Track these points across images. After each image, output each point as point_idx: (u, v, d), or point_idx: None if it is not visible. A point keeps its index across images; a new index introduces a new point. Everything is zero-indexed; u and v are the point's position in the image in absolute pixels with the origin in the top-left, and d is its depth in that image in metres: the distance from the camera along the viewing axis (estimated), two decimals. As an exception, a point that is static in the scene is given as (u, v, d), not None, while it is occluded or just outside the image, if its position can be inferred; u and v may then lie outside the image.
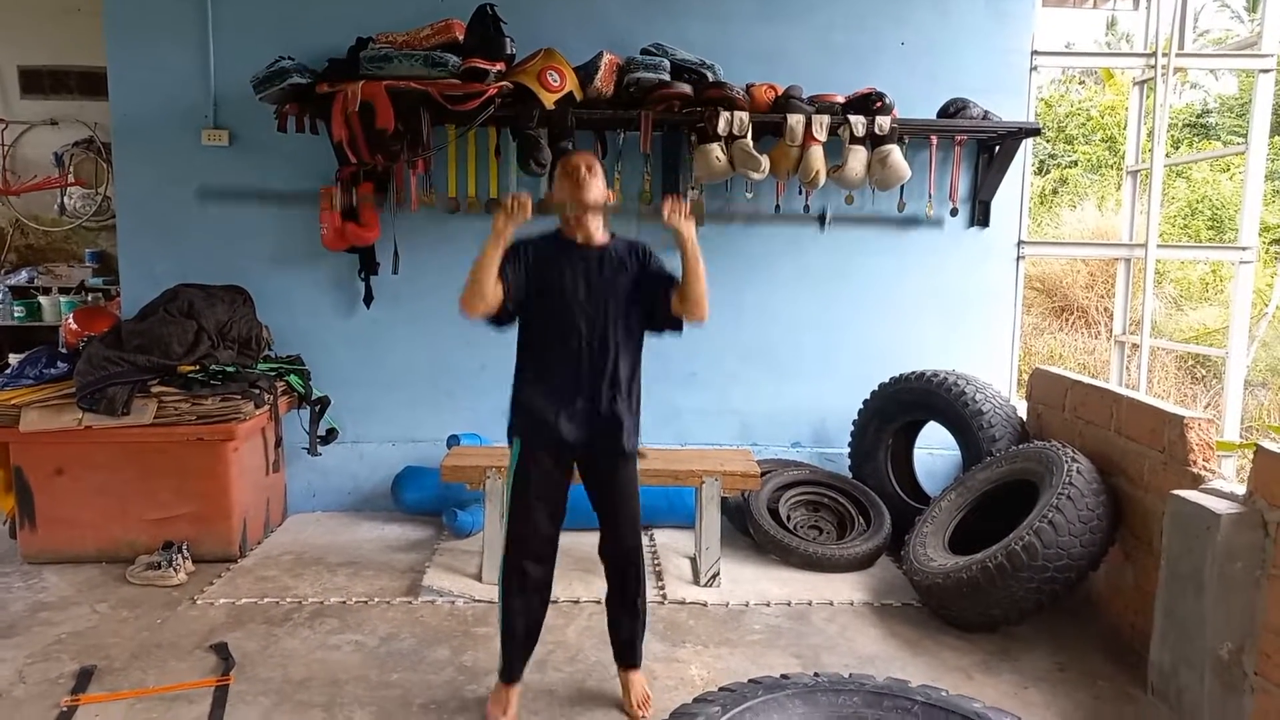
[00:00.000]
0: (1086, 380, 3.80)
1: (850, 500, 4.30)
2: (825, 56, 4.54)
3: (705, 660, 3.12)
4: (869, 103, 4.22)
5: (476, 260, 2.53)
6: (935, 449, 4.61)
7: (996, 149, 4.55)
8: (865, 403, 4.48)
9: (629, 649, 2.82)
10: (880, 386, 4.43)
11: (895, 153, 4.26)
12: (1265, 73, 4.69)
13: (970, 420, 4.01)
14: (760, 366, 4.75)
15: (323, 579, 3.81)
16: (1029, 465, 3.49)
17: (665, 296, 2.65)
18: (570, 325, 2.62)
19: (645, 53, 4.23)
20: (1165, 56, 4.74)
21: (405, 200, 4.40)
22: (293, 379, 4.38)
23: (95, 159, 6.05)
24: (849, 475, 4.50)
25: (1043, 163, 12.25)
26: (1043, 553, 3.03)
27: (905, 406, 4.33)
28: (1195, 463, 2.91)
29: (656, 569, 3.92)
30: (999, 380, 4.58)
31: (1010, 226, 4.72)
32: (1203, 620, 2.37)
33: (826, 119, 4.16)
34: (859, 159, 4.26)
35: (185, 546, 3.85)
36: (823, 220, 4.61)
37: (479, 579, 3.72)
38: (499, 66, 4.06)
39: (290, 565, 3.97)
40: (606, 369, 2.64)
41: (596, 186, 2.64)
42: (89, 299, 5.91)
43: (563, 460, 2.71)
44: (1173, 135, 11.54)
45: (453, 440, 4.37)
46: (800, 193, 4.52)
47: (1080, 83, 13.98)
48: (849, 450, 4.55)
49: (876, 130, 4.20)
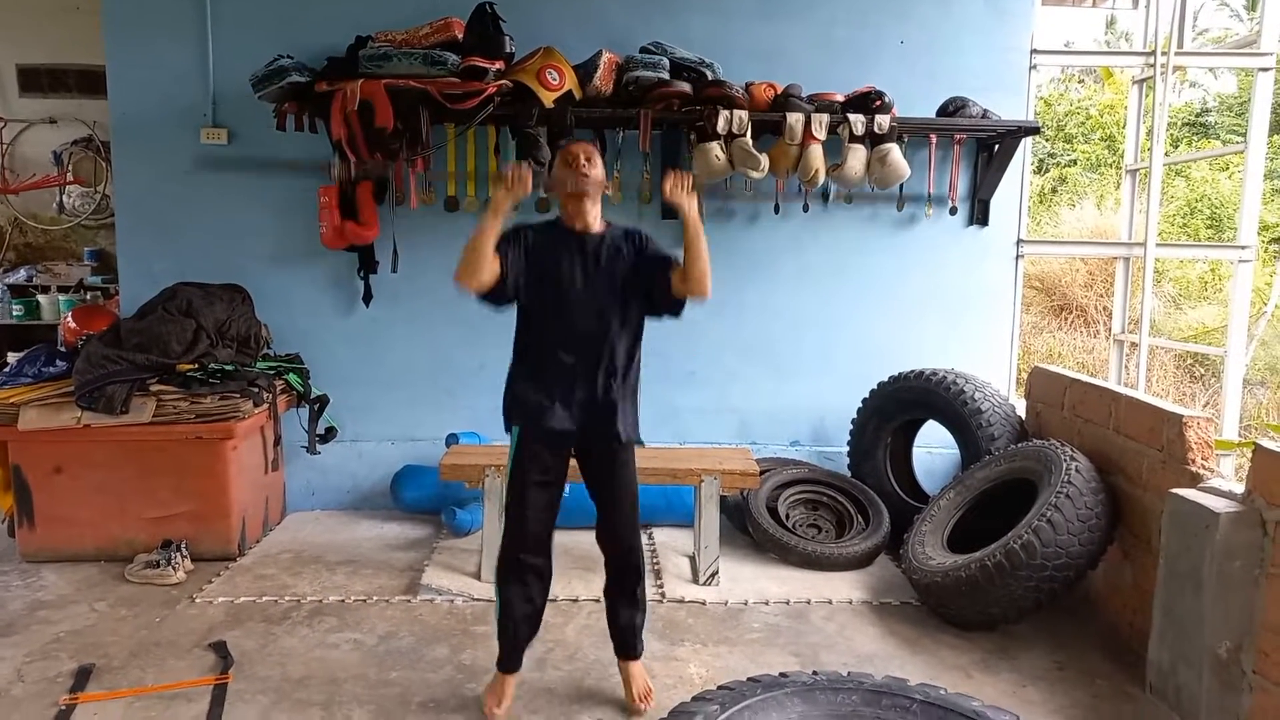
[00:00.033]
0: (1085, 379, 3.80)
1: (849, 499, 4.30)
2: (825, 55, 4.54)
3: (704, 659, 3.12)
4: (868, 101, 4.23)
5: (474, 232, 2.51)
6: (934, 448, 4.61)
7: (996, 148, 4.55)
8: (864, 401, 4.48)
9: (629, 639, 2.82)
10: (879, 385, 4.43)
11: (894, 151, 4.27)
12: (1264, 71, 4.69)
13: (969, 419, 4.01)
14: (759, 365, 4.75)
15: (321, 577, 3.81)
16: (1028, 464, 3.49)
17: (664, 277, 2.63)
18: (567, 313, 2.62)
19: (644, 51, 4.22)
20: (1164, 55, 4.74)
21: (405, 199, 4.41)
22: (291, 377, 4.39)
23: (94, 157, 6.05)
24: (848, 474, 4.49)
25: (1042, 161, 12.25)
26: (1041, 551, 3.04)
27: (904, 405, 4.33)
28: (1194, 461, 2.91)
29: (655, 567, 3.92)
30: (998, 379, 4.58)
31: (1009, 225, 4.72)
32: (1201, 619, 2.37)
33: (826, 117, 4.17)
34: (858, 158, 4.27)
35: (184, 545, 3.85)
36: (826, 197, 4.60)
37: (478, 578, 3.72)
38: (498, 65, 4.06)
39: (289, 564, 3.97)
40: (603, 357, 2.63)
41: (595, 175, 2.64)
42: (88, 297, 5.90)
43: (560, 451, 2.70)
44: (1172, 134, 11.54)
45: (451, 439, 4.37)
46: (799, 191, 4.53)
47: (1079, 81, 13.98)
48: (848, 449, 4.55)
49: (876, 129, 4.21)
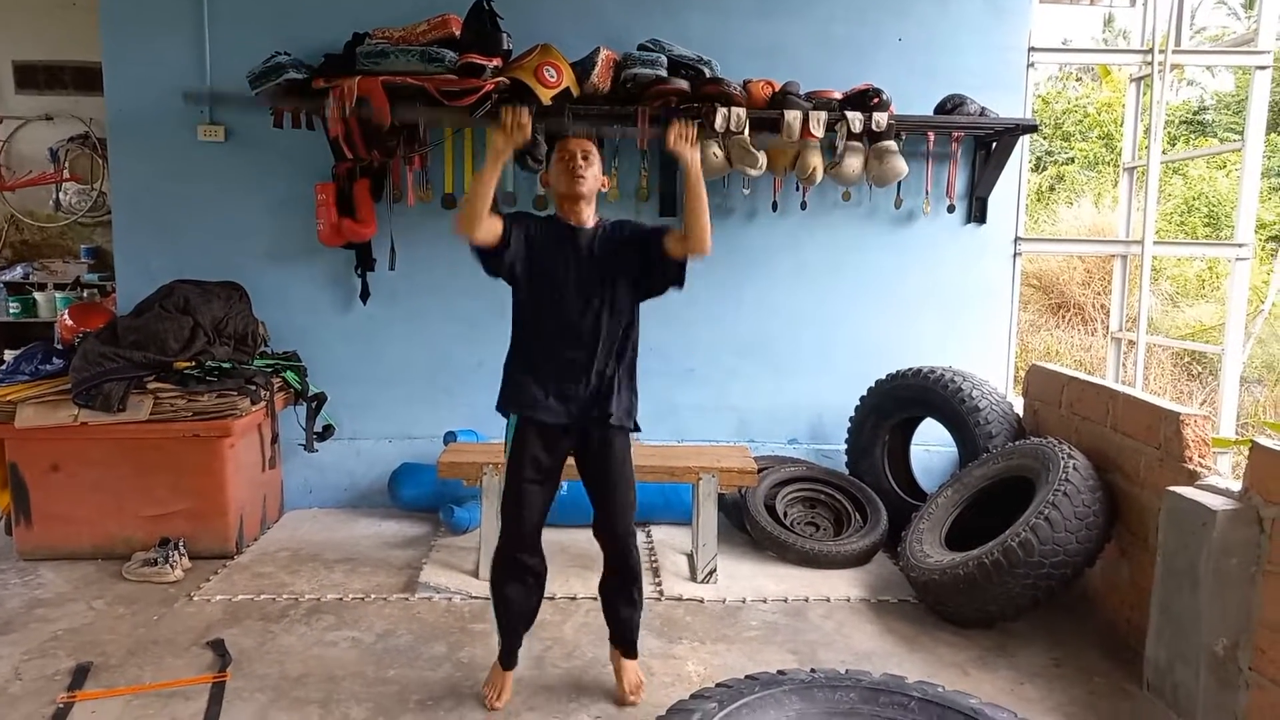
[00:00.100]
0: (1083, 377, 3.80)
1: (847, 497, 4.31)
2: (823, 52, 4.54)
3: (702, 656, 3.12)
4: (866, 99, 4.22)
5: (474, 180, 2.47)
6: (932, 445, 4.61)
7: (993, 145, 4.55)
8: (862, 399, 4.48)
9: (625, 634, 2.82)
10: (877, 383, 4.43)
11: (892, 149, 4.27)
12: (1261, 69, 4.69)
13: (967, 417, 4.02)
14: (758, 362, 4.75)
15: (319, 575, 3.81)
16: (1025, 462, 3.49)
17: (659, 245, 2.61)
18: (561, 308, 2.61)
19: (642, 48, 4.21)
20: (1162, 53, 4.75)
21: (402, 196, 4.41)
22: (289, 375, 4.38)
23: (91, 154, 6.04)
24: (846, 472, 4.50)
25: (1039, 159, 12.26)
26: (1039, 549, 3.04)
27: (902, 403, 4.34)
28: (1191, 459, 2.91)
29: (653, 565, 3.92)
30: (995, 377, 4.59)
31: (1007, 223, 4.72)
32: (1198, 616, 2.38)
33: (824, 115, 4.16)
34: (856, 155, 4.27)
35: (181, 543, 3.85)
36: (804, 207, 4.59)
37: (476, 575, 3.71)
38: (495, 62, 4.05)
39: (287, 562, 3.97)
40: (597, 349, 2.63)
41: (591, 175, 2.62)
42: (84, 295, 5.90)
43: (556, 447, 2.70)
44: (1169, 132, 11.55)
45: (450, 437, 4.37)
46: (797, 189, 4.52)
47: (1077, 79, 14.00)
48: (846, 447, 4.55)
49: (874, 127, 4.20)
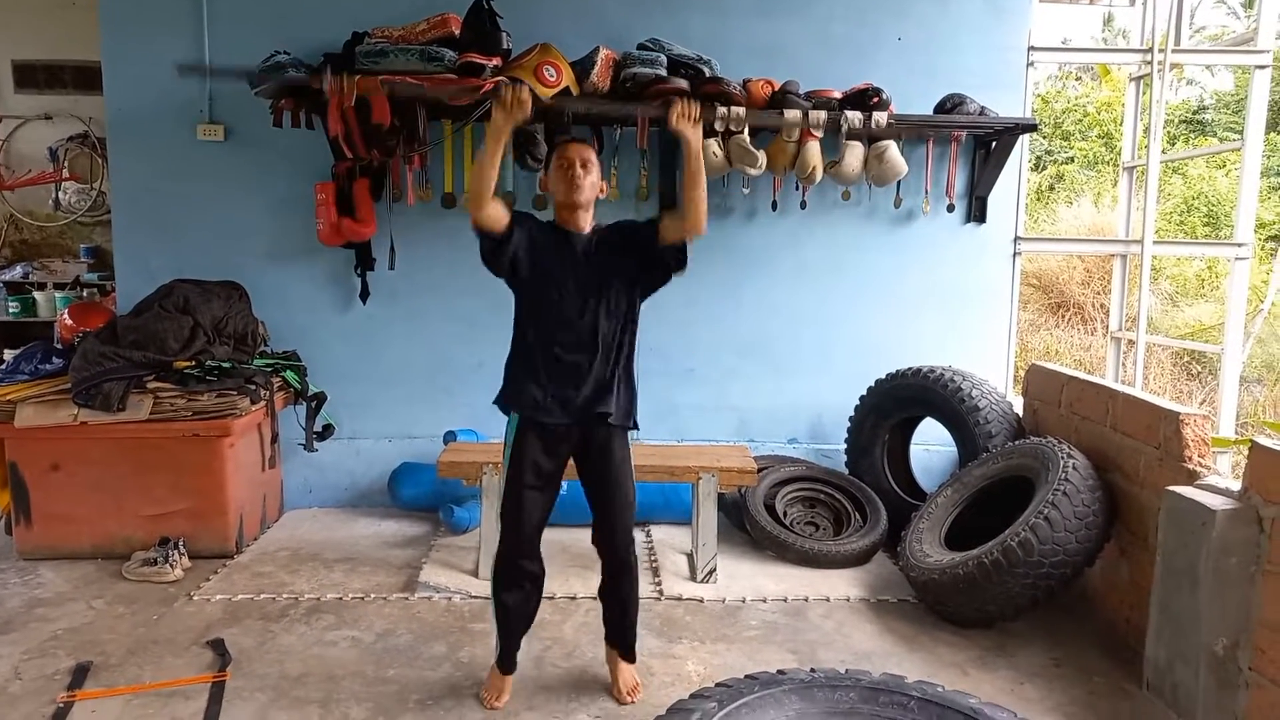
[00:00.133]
0: (1082, 376, 3.80)
1: (847, 496, 4.31)
2: (823, 51, 4.54)
3: (702, 656, 3.12)
4: (866, 98, 4.22)
5: (477, 156, 2.48)
6: (931, 445, 4.61)
7: (993, 145, 4.55)
8: (862, 399, 4.48)
9: (623, 638, 2.84)
10: (877, 382, 4.43)
11: (892, 148, 4.27)
12: (1261, 69, 4.69)
13: (966, 416, 4.02)
14: (757, 362, 4.75)
15: (319, 575, 3.81)
16: (1025, 461, 3.49)
17: (652, 232, 2.63)
18: (559, 310, 2.62)
19: (642, 48, 4.21)
20: (1161, 52, 4.74)
21: (402, 195, 4.41)
22: (289, 375, 4.38)
23: (90, 154, 6.04)
24: (845, 471, 4.50)
25: (1039, 159, 12.25)
26: (1038, 549, 3.04)
27: (902, 402, 4.33)
28: (1191, 459, 2.91)
29: (653, 565, 3.92)
30: (995, 376, 4.58)
31: (1007, 222, 4.72)
32: (1198, 616, 2.38)
33: (824, 114, 4.16)
34: (856, 155, 4.27)
35: (181, 543, 3.85)
36: (803, 206, 4.60)
37: (475, 575, 3.71)
38: (495, 61, 4.05)
39: (287, 561, 3.97)
40: (595, 352, 2.63)
41: (589, 183, 2.62)
42: (84, 294, 5.90)
43: (556, 451, 2.70)
44: (1169, 131, 11.55)
45: (449, 436, 4.37)
46: (797, 188, 4.52)
47: (1077, 79, 13.99)
48: (845, 446, 4.55)
49: (873, 126, 4.20)
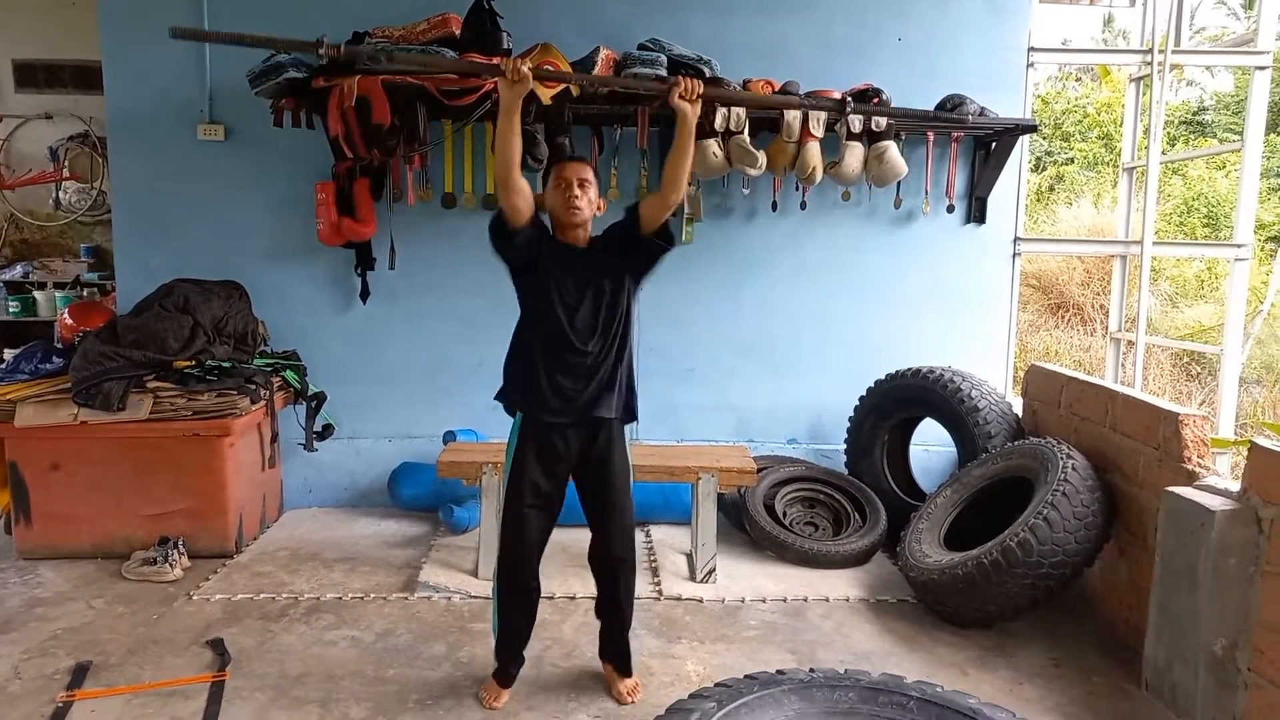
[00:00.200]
0: (1082, 377, 3.80)
1: (846, 497, 4.31)
2: (823, 52, 4.54)
3: (701, 656, 3.12)
4: (866, 99, 4.22)
5: (496, 135, 2.53)
6: (931, 445, 4.61)
7: (993, 146, 4.55)
8: (861, 399, 4.48)
9: (619, 651, 2.85)
10: (876, 383, 4.43)
11: (892, 149, 4.27)
12: (1261, 70, 4.70)
13: (966, 417, 4.02)
14: (757, 362, 4.75)
15: (319, 575, 3.81)
16: (1024, 462, 3.49)
17: (634, 221, 2.65)
18: (558, 319, 2.63)
19: (642, 48, 4.21)
20: (1161, 53, 4.75)
21: (402, 195, 4.41)
22: (289, 374, 4.38)
23: (90, 153, 6.04)
24: (845, 472, 4.50)
25: (1039, 159, 12.25)
26: (1038, 549, 3.04)
27: (901, 403, 4.34)
28: (1190, 459, 2.92)
29: (653, 565, 3.92)
30: (995, 377, 4.59)
31: (1006, 223, 4.72)
32: (1197, 616, 2.38)
33: (823, 115, 4.16)
34: (856, 155, 4.27)
35: (181, 542, 3.85)
36: (803, 206, 4.60)
37: (475, 575, 3.72)
38: (495, 61, 4.05)
39: (286, 561, 3.97)
40: (598, 350, 2.65)
41: (586, 203, 2.63)
42: (84, 294, 5.90)
43: (556, 469, 2.71)
44: (1169, 132, 11.55)
45: (449, 436, 4.37)
46: (797, 189, 4.52)
47: (1077, 79, 14.00)
48: (845, 446, 4.55)
49: (873, 126, 4.20)
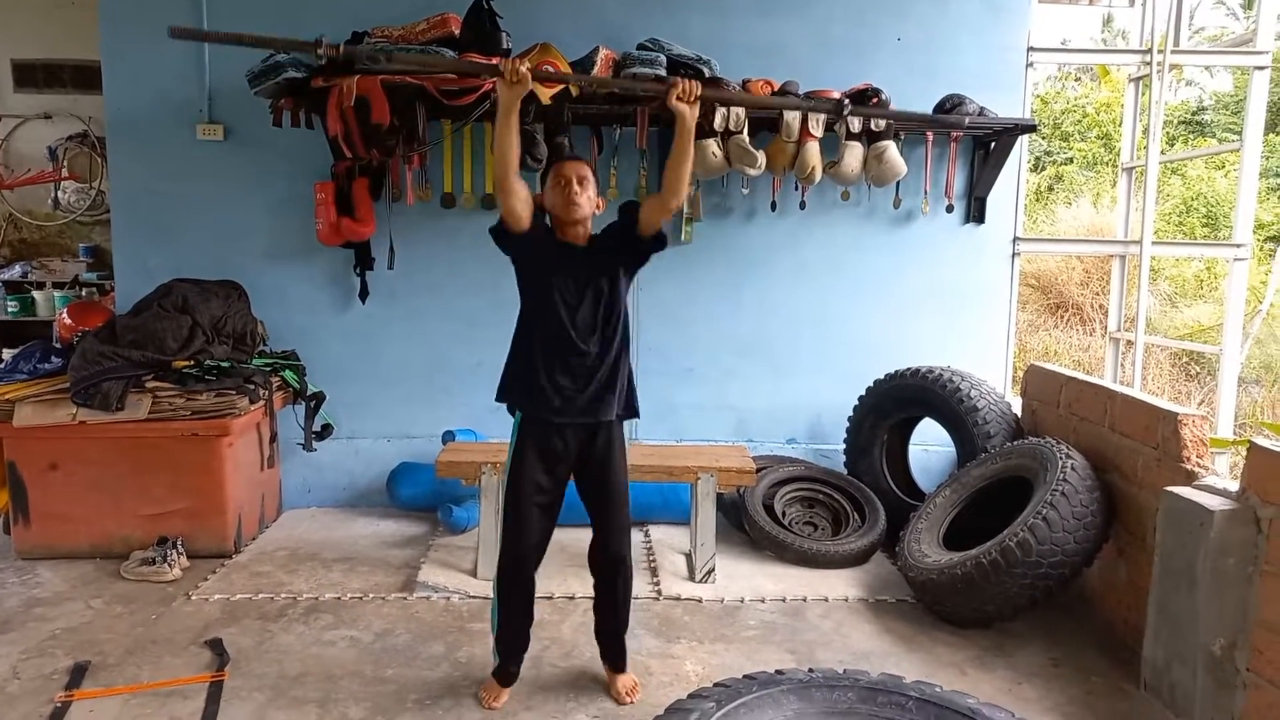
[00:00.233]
0: (1081, 377, 3.80)
1: (845, 496, 4.31)
2: (822, 51, 4.54)
3: (700, 656, 3.12)
4: (865, 98, 4.22)
5: (495, 135, 2.53)
6: (930, 445, 4.61)
7: (992, 145, 4.55)
8: (861, 399, 4.48)
9: (616, 653, 2.85)
10: (875, 382, 4.44)
11: (891, 149, 4.27)
12: (1260, 70, 4.70)
13: (965, 416, 4.02)
14: (756, 362, 4.75)
15: (318, 575, 3.81)
16: (1023, 462, 3.49)
17: (633, 221, 2.65)
18: (559, 318, 2.63)
19: (641, 48, 4.21)
20: (1161, 53, 4.75)
21: (401, 195, 4.41)
22: (288, 374, 4.38)
23: (89, 153, 6.04)
24: (844, 471, 4.50)
25: (1038, 159, 12.26)
26: (1037, 549, 3.04)
27: (900, 403, 4.34)
28: (1189, 459, 2.92)
29: (652, 564, 3.92)
30: (994, 377, 4.58)
31: (1006, 223, 4.72)
32: (1195, 616, 2.38)
33: (823, 115, 4.16)
34: (855, 155, 4.27)
35: (180, 542, 3.85)
36: (803, 207, 4.60)
37: (474, 575, 3.72)
38: (495, 61, 4.05)
39: (285, 561, 3.97)
40: (597, 349, 2.66)
41: (585, 200, 2.63)
42: (83, 294, 5.90)
43: (555, 471, 2.71)
44: (1168, 132, 11.56)
45: (448, 436, 4.37)
46: (796, 189, 4.52)
47: (1076, 79, 14.00)
48: (844, 446, 4.55)
49: (873, 126, 4.20)
